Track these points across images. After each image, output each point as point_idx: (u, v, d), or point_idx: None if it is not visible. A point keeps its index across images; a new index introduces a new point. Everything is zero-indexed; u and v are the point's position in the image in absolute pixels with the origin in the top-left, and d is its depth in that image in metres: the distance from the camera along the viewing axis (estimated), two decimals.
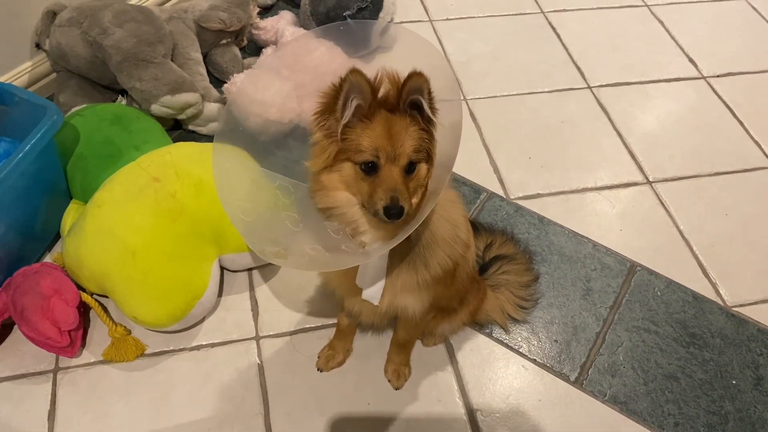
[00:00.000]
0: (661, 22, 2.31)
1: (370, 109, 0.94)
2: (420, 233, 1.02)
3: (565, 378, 1.36)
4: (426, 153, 0.95)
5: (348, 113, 0.93)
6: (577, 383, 1.36)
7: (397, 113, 0.93)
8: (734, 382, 1.37)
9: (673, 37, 2.25)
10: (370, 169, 0.95)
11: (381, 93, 0.94)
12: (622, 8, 2.37)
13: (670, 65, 2.13)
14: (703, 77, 2.08)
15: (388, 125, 0.93)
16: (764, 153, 1.86)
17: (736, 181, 1.75)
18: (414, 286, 1.06)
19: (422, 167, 0.96)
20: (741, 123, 1.94)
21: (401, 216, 0.92)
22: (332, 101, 0.96)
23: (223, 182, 1.18)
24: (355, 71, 0.93)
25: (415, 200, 0.96)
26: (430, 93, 0.92)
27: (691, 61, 2.13)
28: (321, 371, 1.34)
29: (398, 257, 1.05)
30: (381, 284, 1.07)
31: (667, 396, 1.35)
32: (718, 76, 2.09)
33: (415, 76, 0.91)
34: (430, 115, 0.93)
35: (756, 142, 1.88)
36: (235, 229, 1.14)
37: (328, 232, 1.09)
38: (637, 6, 2.38)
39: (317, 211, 1.03)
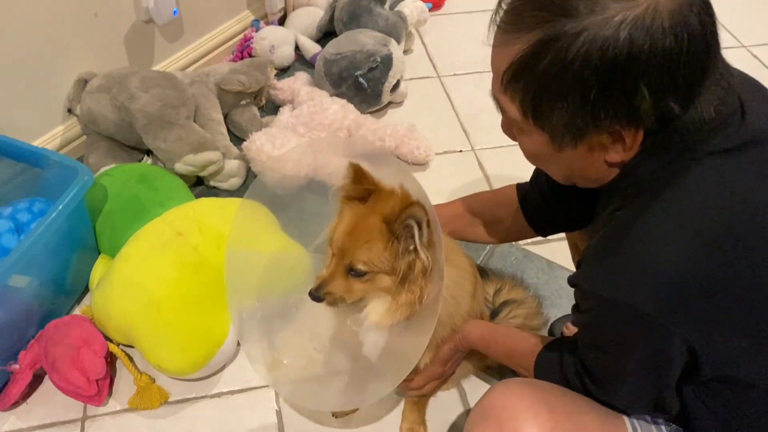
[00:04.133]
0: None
1: (354, 198, 1.02)
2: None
3: None
4: (391, 268, 1.00)
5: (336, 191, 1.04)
6: None
7: (380, 220, 0.99)
8: None
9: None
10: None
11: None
12: None
13: None
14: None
15: (358, 222, 0.99)
16: None
17: None
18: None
19: (382, 278, 1.01)
20: None
21: (320, 302, 1.05)
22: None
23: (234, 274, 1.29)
24: (351, 166, 1.01)
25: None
26: (429, 225, 0.97)
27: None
28: (336, 417, 1.38)
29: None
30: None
31: None
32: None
33: (417, 206, 0.96)
34: (418, 247, 0.98)
35: None
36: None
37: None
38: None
39: None
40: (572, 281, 0.89)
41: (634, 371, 0.88)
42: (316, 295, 1.05)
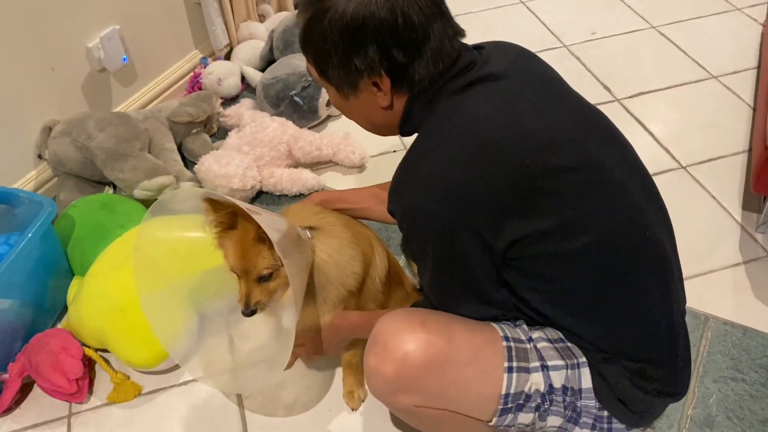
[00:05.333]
0: (668, 38, 2.65)
1: (231, 226, 1.20)
2: (311, 283, 1.30)
3: None
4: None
5: (210, 236, 1.23)
6: None
7: (255, 239, 1.18)
8: None
9: (681, 49, 2.59)
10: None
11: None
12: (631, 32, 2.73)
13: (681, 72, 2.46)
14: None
15: (242, 245, 1.19)
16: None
17: None
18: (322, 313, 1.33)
19: (282, 270, 1.20)
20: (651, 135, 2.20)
21: (255, 314, 1.24)
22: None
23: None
24: (205, 200, 1.18)
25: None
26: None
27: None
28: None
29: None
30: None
31: None
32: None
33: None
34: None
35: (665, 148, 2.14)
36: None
37: None
38: (644, 29, 2.74)
39: None
40: (388, 210, 1.10)
41: (442, 274, 1.08)
42: (250, 311, 1.23)
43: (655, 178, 1.18)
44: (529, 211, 1.00)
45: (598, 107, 1.17)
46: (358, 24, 0.99)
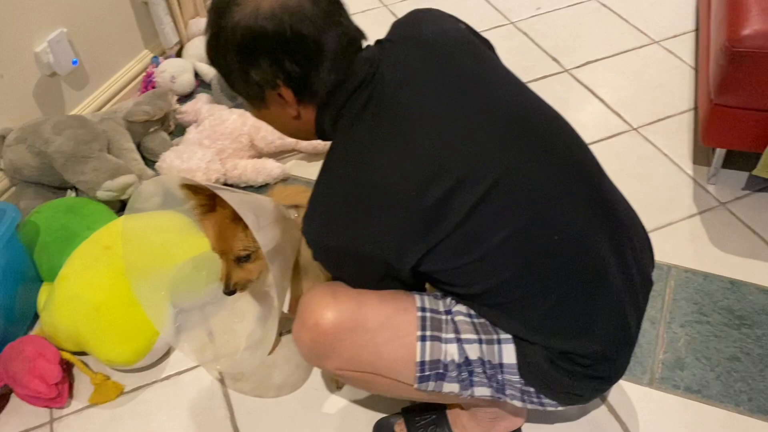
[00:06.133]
0: (609, 8, 2.72)
1: (209, 209, 1.22)
2: (297, 265, 1.34)
3: (638, 381, 1.51)
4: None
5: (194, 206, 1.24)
6: (652, 384, 1.50)
7: (234, 220, 1.20)
8: None
9: (622, 17, 2.66)
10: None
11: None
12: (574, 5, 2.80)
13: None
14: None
15: (219, 227, 1.22)
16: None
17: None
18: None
19: (261, 251, 1.22)
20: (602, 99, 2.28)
21: (234, 293, 1.27)
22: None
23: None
24: (183, 187, 1.21)
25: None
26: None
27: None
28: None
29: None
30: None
31: (734, 376, 1.49)
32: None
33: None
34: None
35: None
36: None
37: None
38: (586, 1, 2.81)
39: None
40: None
41: (354, 282, 1.16)
42: (230, 291, 1.27)
43: (608, 142, 1.21)
44: (428, 235, 1.03)
45: (550, 78, 1.17)
46: (248, 40, 1.00)
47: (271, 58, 1.01)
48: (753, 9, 1.64)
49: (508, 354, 1.13)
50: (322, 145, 2.14)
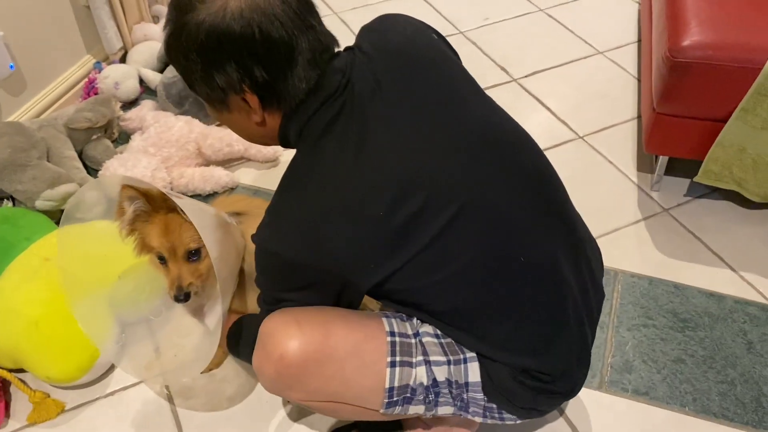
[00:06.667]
0: (555, 19, 2.77)
1: (153, 210, 1.19)
2: (243, 274, 1.31)
3: (588, 385, 1.52)
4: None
5: (128, 216, 1.21)
6: (601, 388, 1.52)
7: (178, 215, 1.18)
8: (730, 350, 1.57)
9: (568, 28, 2.71)
10: (162, 259, 1.23)
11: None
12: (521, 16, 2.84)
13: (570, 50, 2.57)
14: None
15: (166, 223, 1.19)
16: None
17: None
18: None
19: (206, 251, 1.20)
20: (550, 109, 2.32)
21: (189, 299, 1.22)
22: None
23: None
24: (124, 188, 1.17)
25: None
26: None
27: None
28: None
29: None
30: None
31: (679, 378, 1.53)
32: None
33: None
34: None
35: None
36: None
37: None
38: (533, 12, 2.85)
39: None
40: (252, 238, 1.08)
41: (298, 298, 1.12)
42: (183, 293, 1.21)
43: (555, 150, 1.23)
44: (391, 254, 1.01)
45: (499, 87, 1.18)
46: (213, 42, 0.94)
47: (237, 63, 0.96)
48: (692, 21, 1.70)
49: (473, 372, 1.12)
50: (272, 153, 2.12)
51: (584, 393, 1.51)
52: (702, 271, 1.77)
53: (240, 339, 1.29)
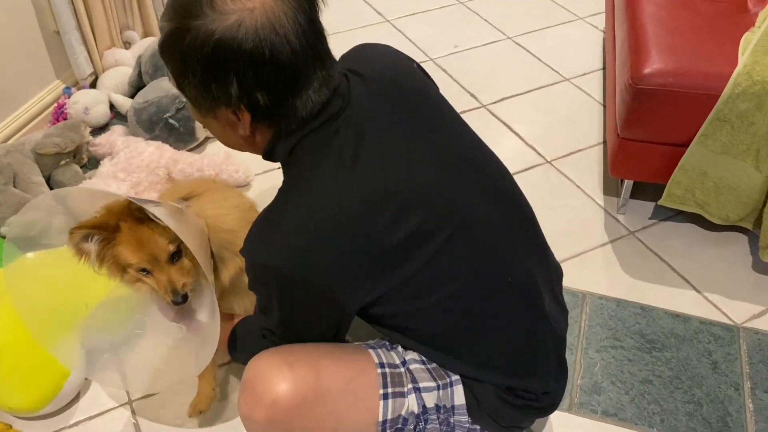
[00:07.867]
0: (523, 47, 2.81)
1: (111, 232, 1.17)
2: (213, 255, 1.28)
3: (558, 407, 1.46)
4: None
5: (93, 254, 1.20)
6: (571, 409, 1.53)
7: (145, 222, 1.16)
8: (696, 371, 1.59)
9: (535, 56, 2.75)
10: (144, 270, 1.21)
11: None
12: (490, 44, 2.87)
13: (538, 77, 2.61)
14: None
15: (136, 236, 1.17)
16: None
17: None
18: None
19: (187, 247, 1.17)
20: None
21: (187, 299, 1.20)
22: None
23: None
24: (71, 233, 1.17)
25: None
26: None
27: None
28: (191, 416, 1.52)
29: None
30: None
31: (647, 398, 1.54)
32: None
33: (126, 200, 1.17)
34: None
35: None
36: None
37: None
38: (501, 40, 2.89)
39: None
40: (240, 252, 1.05)
41: (290, 322, 1.10)
42: (181, 296, 1.19)
43: (524, 174, 1.26)
44: (383, 272, 1.00)
45: (469, 113, 1.21)
46: (220, 56, 0.91)
47: (240, 84, 0.93)
48: (653, 49, 1.75)
49: (458, 395, 1.13)
50: (243, 178, 2.12)
51: (554, 415, 1.52)
52: (668, 292, 1.80)
53: (236, 344, 1.28)
